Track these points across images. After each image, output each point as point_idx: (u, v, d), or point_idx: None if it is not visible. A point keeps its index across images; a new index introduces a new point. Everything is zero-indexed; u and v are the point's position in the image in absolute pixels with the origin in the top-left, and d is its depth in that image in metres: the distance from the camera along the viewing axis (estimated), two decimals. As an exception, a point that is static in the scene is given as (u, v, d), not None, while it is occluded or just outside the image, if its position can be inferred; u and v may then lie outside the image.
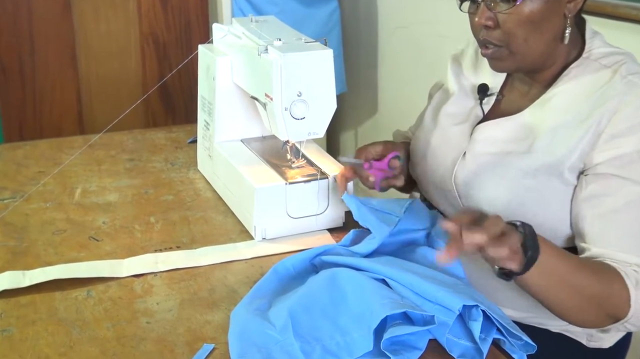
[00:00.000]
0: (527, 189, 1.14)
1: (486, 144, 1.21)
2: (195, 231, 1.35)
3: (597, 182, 1.09)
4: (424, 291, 1.00)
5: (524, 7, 1.10)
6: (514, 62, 1.16)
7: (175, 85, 2.98)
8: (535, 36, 1.12)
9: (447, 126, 1.30)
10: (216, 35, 1.53)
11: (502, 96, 1.27)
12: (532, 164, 1.14)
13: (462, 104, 1.31)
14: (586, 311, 1.05)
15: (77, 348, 1.00)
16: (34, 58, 2.81)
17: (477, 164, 1.20)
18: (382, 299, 0.98)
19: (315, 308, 1.01)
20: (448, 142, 1.28)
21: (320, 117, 1.28)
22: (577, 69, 1.16)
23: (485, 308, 0.96)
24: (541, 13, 1.11)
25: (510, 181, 1.15)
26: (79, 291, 1.14)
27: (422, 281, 1.01)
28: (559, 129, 1.13)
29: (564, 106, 1.15)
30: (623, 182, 1.08)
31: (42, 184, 1.52)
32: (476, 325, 0.95)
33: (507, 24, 1.12)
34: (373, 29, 2.98)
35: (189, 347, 1.00)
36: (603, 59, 1.16)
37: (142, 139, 1.83)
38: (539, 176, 1.13)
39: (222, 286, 1.17)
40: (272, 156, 1.42)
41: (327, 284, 1.05)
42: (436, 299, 0.98)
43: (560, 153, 1.12)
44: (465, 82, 1.34)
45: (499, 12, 1.11)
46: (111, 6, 2.87)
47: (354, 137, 3.27)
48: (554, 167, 1.12)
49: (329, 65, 1.25)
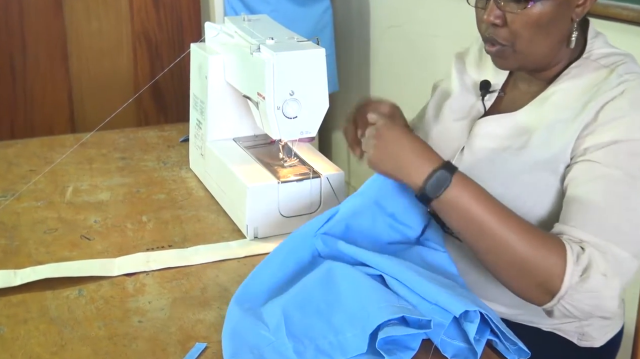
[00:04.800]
0: (523, 184, 1.14)
1: (485, 140, 1.22)
2: (188, 230, 1.35)
3: (574, 168, 1.10)
4: (423, 292, 0.99)
5: (534, 9, 1.09)
6: (516, 61, 1.16)
7: (167, 83, 2.98)
8: (540, 38, 1.12)
9: (447, 120, 1.31)
10: (208, 34, 1.53)
11: (504, 94, 1.28)
12: (528, 160, 1.15)
13: (463, 100, 1.31)
14: (510, 271, 1.03)
15: (68, 347, 1.00)
16: (25, 56, 2.80)
17: (474, 159, 1.21)
18: (379, 302, 0.96)
19: (309, 306, 1.01)
20: (447, 136, 1.28)
21: (313, 116, 1.28)
22: (576, 69, 1.17)
23: (485, 312, 0.95)
24: (550, 16, 1.10)
25: (507, 176, 1.16)
26: (71, 290, 1.14)
27: (421, 281, 1.00)
28: (555, 125, 1.14)
29: (561, 103, 1.15)
30: (592, 165, 1.07)
31: (33, 183, 1.51)
32: (472, 327, 0.95)
33: (515, 24, 1.11)
34: (365, 28, 2.99)
35: (181, 346, 1.00)
36: (602, 59, 1.16)
37: (134, 137, 1.82)
38: (535, 171, 1.14)
39: (214, 285, 1.17)
40: (264, 154, 1.42)
41: (322, 281, 1.04)
42: (437, 302, 0.97)
43: (556, 148, 1.12)
44: (467, 79, 1.34)
45: (509, 11, 1.11)
46: (103, 4, 2.86)
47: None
48: (550, 163, 1.13)
49: (322, 65, 1.26)
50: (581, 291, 0.99)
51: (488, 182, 1.16)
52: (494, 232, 1.02)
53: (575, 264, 0.99)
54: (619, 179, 1.05)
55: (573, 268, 0.99)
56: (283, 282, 1.10)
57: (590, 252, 1.00)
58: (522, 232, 1.02)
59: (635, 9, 1.73)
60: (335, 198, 1.33)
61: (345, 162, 3.25)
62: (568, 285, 0.99)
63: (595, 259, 1.00)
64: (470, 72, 1.35)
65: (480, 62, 1.34)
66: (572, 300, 1.00)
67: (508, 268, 1.03)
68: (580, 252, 1.00)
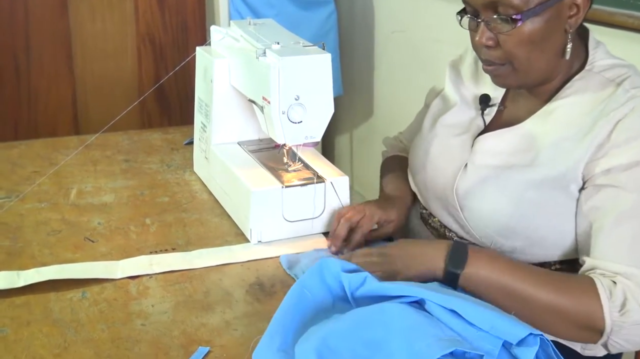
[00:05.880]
0: (530, 201, 1.13)
1: (487, 156, 1.20)
2: (191, 233, 1.35)
3: (595, 194, 1.09)
4: (475, 317, 0.92)
5: (525, 27, 1.08)
6: (516, 79, 1.15)
7: (171, 86, 2.98)
8: (536, 54, 1.11)
9: (447, 136, 1.29)
10: (214, 38, 1.53)
11: (503, 107, 1.27)
12: (535, 177, 1.13)
13: (463, 115, 1.29)
14: (550, 323, 1.04)
15: (71, 349, 1.00)
16: (30, 57, 2.80)
17: (478, 176, 1.19)
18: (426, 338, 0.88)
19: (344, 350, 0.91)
20: (448, 152, 1.27)
21: (318, 121, 1.28)
22: (580, 82, 1.16)
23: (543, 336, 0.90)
24: (542, 32, 1.09)
25: (513, 194, 1.14)
26: (74, 292, 1.14)
27: (472, 306, 0.93)
28: (562, 142, 1.13)
29: (567, 119, 1.14)
30: (617, 192, 1.07)
31: (37, 184, 1.51)
32: (530, 351, 0.89)
33: (508, 45, 1.10)
34: (369, 32, 2.99)
35: (184, 350, 1.00)
36: (606, 72, 1.15)
37: (137, 140, 1.82)
38: (542, 188, 1.13)
39: (218, 288, 1.16)
40: (268, 159, 1.42)
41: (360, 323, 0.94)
42: (493, 326, 0.91)
43: (564, 166, 1.11)
44: (466, 92, 1.32)
45: (500, 32, 1.10)
46: (108, 6, 2.86)
47: (349, 140, 3.27)
48: (558, 181, 1.12)
49: (327, 70, 1.26)
50: (626, 326, 1.00)
51: (495, 199, 1.16)
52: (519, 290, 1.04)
53: (610, 300, 1.00)
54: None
55: (609, 305, 1.00)
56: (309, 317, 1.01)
57: (623, 284, 1.01)
58: (548, 283, 1.03)
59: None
60: (339, 203, 1.33)
61: (349, 167, 3.25)
62: (610, 322, 1.00)
63: (629, 290, 1.01)
64: (467, 84, 1.33)
65: (477, 74, 1.33)
66: (621, 335, 1.01)
67: (546, 319, 1.04)
68: (612, 286, 1.01)
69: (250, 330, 1.05)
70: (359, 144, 3.20)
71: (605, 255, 1.05)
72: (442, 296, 0.95)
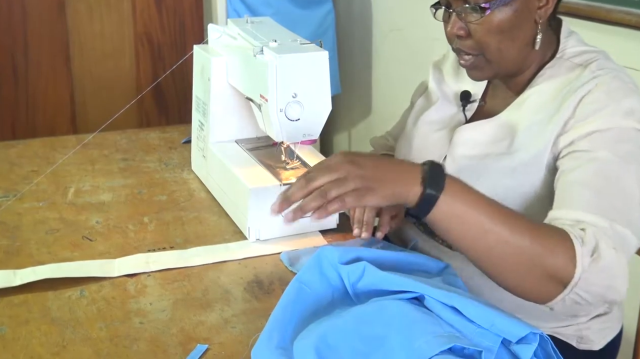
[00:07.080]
0: (507, 188, 1.14)
1: (466, 147, 1.22)
2: (189, 232, 1.35)
3: (566, 160, 1.08)
4: (475, 314, 0.91)
5: (493, 16, 1.12)
6: (490, 70, 1.19)
7: (169, 85, 2.98)
8: (507, 44, 1.14)
9: (428, 132, 1.31)
10: (211, 36, 1.53)
11: (484, 102, 1.30)
12: (510, 164, 1.15)
13: (445, 111, 1.32)
14: (520, 270, 0.97)
15: (70, 347, 1.00)
16: (28, 57, 2.81)
17: (457, 167, 1.21)
18: (424, 334, 0.88)
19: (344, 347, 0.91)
20: (429, 147, 1.29)
21: (315, 119, 1.28)
22: (551, 70, 1.18)
23: (543, 333, 0.89)
24: (511, 21, 1.12)
25: (488, 181, 1.16)
26: (72, 290, 1.14)
27: (472, 303, 0.92)
28: (532, 127, 1.15)
29: (537, 104, 1.17)
30: (579, 155, 1.07)
31: (35, 183, 1.51)
32: (529, 349, 0.88)
33: (478, 34, 1.14)
34: (367, 31, 2.99)
35: (182, 347, 1.00)
36: (575, 58, 1.17)
37: (135, 139, 1.82)
38: (517, 175, 1.14)
39: (216, 286, 1.17)
40: (266, 157, 1.42)
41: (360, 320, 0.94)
42: (493, 324, 0.90)
43: (535, 149, 1.13)
44: (447, 89, 1.35)
45: (470, 22, 1.13)
46: (105, 6, 2.87)
47: (347, 138, 3.28)
48: (530, 165, 1.13)
49: (325, 67, 1.26)
50: (595, 272, 0.94)
51: None
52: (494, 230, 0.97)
53: (583, 245, 0.95)
54: (609, 160, 1.04)
55: (582, 250, 0.94)
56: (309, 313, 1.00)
57: (592, 231, 0.96)
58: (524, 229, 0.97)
59: (639, 14, 1.73)
60: None
61: (346, 165, 3.25)
62: (581, 269, 0.94)
63: (600, 236, 0.96)
64: (448, 81, 1.36)
65: (458, 71, 1.36)
66: (586, 284, 0.94)
67: (515, 267, 0.97)
68: (582, 234, 0.96)
69: (249, 328, 1.05)
70: (357, 141, 3.20)
71: (569, 205, 1.02)
72: (443, 292, 0.95)
